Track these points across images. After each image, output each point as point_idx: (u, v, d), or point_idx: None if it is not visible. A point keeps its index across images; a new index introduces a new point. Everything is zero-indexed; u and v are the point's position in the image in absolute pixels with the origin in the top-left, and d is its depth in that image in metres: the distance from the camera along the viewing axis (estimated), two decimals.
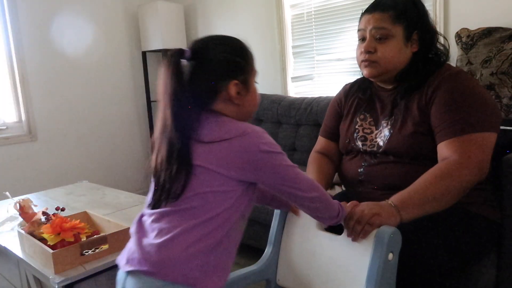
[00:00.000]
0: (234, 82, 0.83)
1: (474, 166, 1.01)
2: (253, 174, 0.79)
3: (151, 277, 0.74)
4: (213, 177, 0.77)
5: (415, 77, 1.16)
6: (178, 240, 0.75)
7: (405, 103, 1.17)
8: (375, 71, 1.18)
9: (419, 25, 1.15)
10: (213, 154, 0.78)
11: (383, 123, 1.20)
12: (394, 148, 1.15)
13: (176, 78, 0.79)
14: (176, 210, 0.78)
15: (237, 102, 0.84)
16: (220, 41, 0.86)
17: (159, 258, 0.74)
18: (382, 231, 0.88)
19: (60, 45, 2.86)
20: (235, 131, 0.78)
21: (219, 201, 0.78)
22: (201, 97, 0.82)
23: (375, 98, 1.27)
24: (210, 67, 0.83)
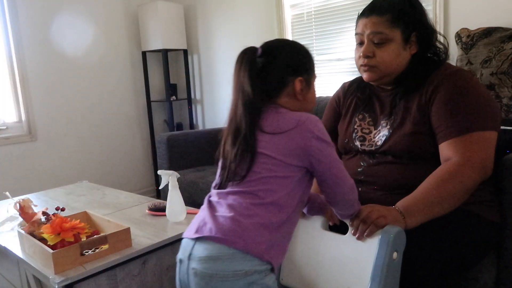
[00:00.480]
0: (299, 79, 0.91)
1: (476, 165, 1.01)
2: (307, 159, 0.85)
3: (222, 244, 0.80)
4: (274, 164, 0.84)
5: (414, 77, 1.16)
6: (248, 214, 0.81)
7: (404, 103, 1.16)
8: (374, 76, 1.18)
9: (417, 26, 1.14)
10: (275, 143, 0.85)
11: (382, 123, 1.20)
12: (393, 148, 1.14)
13: (249, 73, 0.87)
14: (242, 191, 0.85)
15: (299, 98, 0.92)
16: (288, 42, 0.96)
17: (231, 228, 0.81)
18: (387, 230, 0.89)
19: (60, 45, 2.86)
20: (293, 121, 0.85)
21: (280, 185, 0.84)
22: (269, 90, 0.91)
23: (374, 98, 1.27)
24: (280, 63, 0.91)
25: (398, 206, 0.98)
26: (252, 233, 0.80)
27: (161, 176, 1.33)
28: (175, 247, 1.25)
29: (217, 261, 0.79)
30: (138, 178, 3.43)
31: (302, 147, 0.84)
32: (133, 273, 1.15)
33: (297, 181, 0.86)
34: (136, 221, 1.38)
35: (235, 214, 0.82)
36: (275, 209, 0.83)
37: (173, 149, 2.50)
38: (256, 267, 0.79)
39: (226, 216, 0.82)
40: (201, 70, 3.40)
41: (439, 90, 1.10)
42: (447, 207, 1.00)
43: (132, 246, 1.16)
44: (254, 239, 0.80)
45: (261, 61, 0.90)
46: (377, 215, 0.92)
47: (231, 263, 0.78)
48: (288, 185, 0.85)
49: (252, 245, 0.79)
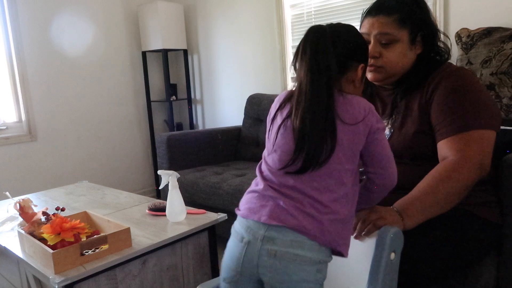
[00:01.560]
0: (362, 65, 0.90)
1: (473, 164, 1.01)
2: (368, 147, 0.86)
3: (304, 235, 0.82)
4: (344, 155, 0.84)
5: (416, 77, 1.15)
6: (326, 212, 0.83)
7: (405, 103, 1.16)
8: (380, 76, 1.17)
9: (423, 26, 1.14)
10: (348, 134, 0.84)
11: (384, 122, 1.20)
12: (394, 148, 1.14)
13: (328, 52, 0.84)
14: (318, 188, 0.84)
15: (357, 85, 0.91)
16: (352, 28, 0.93)
17: (312, 223, 0.82)
18: (384, 230, 0.89)
19: (60, 45, 2.86)
20: (362, 111, 0.85)
21: (348, 177, 0.85)
22: (334, 71, 0.86)
23: (376, 97, 1.26)
24: (347, 46, 0.89)
25: (396, 207, 0.97)
26: (330, 228, 0.83)
27: (161, 176, 1.33)
28: (175, 247, 1.25)
29: (299, 247, 0.82)
30: (138, 178, 3.43)
31: (368, 138, 0.86)
32: (133, 273, 1.15)
33: (357, 171, 0.88)
34: (136, 221, 1.38)
35: (315, 211, 0.83)
36: (346, 202, 0.85)
37: (173, 149, 2.50)
38: (327, 257, 0.85)
39: (306, 212, 0.83)
40: (201, 70, 3.40)
41: (439, 89, 1.10)
42: (445, 206, 1.00)
43: (132, 246, 1.16)
44: (332, 234, 0.83)
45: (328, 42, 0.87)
46: (376, 216, 0.92)
47: (311, 251, 0.82)
48: (353, 176, 0.86)
49: (330, 240, 0.83)
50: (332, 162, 0.83)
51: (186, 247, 1.29)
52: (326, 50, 0.84)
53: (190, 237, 1.29)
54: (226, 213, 1.42)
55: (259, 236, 0.84)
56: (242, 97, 2.97)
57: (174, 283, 1.26)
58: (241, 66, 3.09)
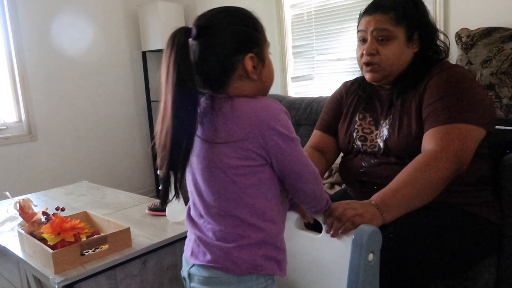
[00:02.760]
0: (249, 56, 0.77)
1: (451, 156, 0.99)
2: (268, 156, 0.75)
3: (217, 270, 0.77)
4: (235, 174, 0.76)
5: (413, 75, 1.15)
6: (232, 239, 0.77)
7: (401, 102, 1.16)
8: (377, 76, 1.17)
9: (420, 25, 1.14)
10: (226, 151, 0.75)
11: (382, 123, 1.20)
12: (393, 149, 1.14)
13: (183, 60, 0.72)
14: (215, 215, 0.79)
15: (254, 77, 0.78)
16: (226, 13, 0.78)
17: (220, 255, 0.77)
18: (360, 231, 0.82)
19: (60, 45, 2.86)
20: (246, 124, 0.73)
21: (251, 195, 0.78)
22: (213, 78, 0.77)
23: (375, 97, 1.26)
24: (221, 42, 0.75)
25: (374, 200, 0.93)
26: (242, 255, 0.76)
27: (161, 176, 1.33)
28: (175, 247, 1.25)
29: (216, 284, 0.78)
30: (138, 178, 3.43)
31: (262, 146, 0.74)
32: (133, 273, 1.15)
33: (270, 181, 0.78)
34: (136, 221, 1.38)
35: (221, 240, 0.77)
36: (258, 222, 0.76)
37: None
38: (253, 285, 0.77)
39: (214, 243, 0.77)
40: None
41: (430, 84, 1.10)
42: (425, 198, 0.97)
43: (132, 246, 1.16)
44: (245, 261, 0.76)
45: (197, 44, 0.76)
46: (352, 213, 0.86)
47: (229, 286, 0.77)
48: (261, 190, 0.76)
49: (244, 268, 0.76)
50: (222, 185, 0.75)
51: None
52: (183, 61, 0.73)
53: None
54: None
55: (186, 273, 0.83)
56: None
57: (174, 283, 1.26)
58: None
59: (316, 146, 1.34)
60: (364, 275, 0.81)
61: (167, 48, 0.74)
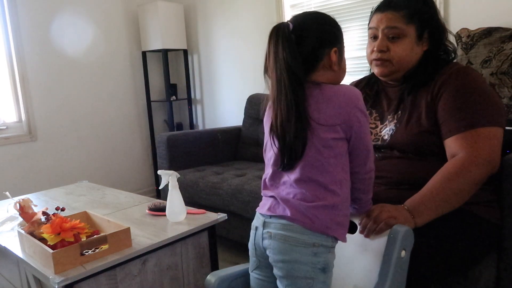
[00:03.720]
0: (334, 50, 0.91)
1: (482, 161, 1.02)
2: (349, 131, 0.87)
3: (293, 222, 0.87)
4: (323, 146, 0.87)
5: (424, 74, 1.17)
6: (312, 200, 0.87)
7: (412, 99, 1.18)
8: (386, 70, 1.19)
9: (430, 24, 1.16)
10: (325, 132, 0.86)
11: (389, 118, 1.21)
12: (399, 143, 1.15)
13: (289, 49, 0.85)
14: (301, 179, 0.88)
15: (335, 68, 0.92)
16: (317, 15, 0.94)
17: (299, 211, 0.87)
18: (396, 229, 0.91)
19: (60, 45, 2.86)
20: (343, 111, 0.86)
21: (333, 164, 0.88)
22: (306, 64, 0.89)
23: (382, 94, 1.28)
24: (313, 37, 0.89)
25: (407, 205, 0.99)
26: (319, 215, 0.86)
27: (161, 176, 1.33)
28: (175, 247, 1.25)
29: (290, 231, 0.87)
30: (138, 178, 3.43)
31: (347, 122, 0.86)
32: (133, 273, 1.15)
33: (345, 154, 0.90)
34: (136, 221, 1.38)
35: (303, 201, 0.87)
36: (336, 188, 0.87)
37: (173, 149, 2.50)
38: (323, 242, 0.87)
39: (294, 201, 0.87)
40: (201, 70, 3.40)
41: (446, 87, 1.11)
42: (455, 203, 1.02)
43: (132, 246, 1.16)
44: (322, 221, 0.86)
45: (294, 37, 0.88)
46: (387, 215, 0.94)
47: (302, 235, 0.86)
48: (339, 161, 0.88)
49: (320, 226, 0.86)
50: (311, 155, 0.86)
51: (186, 247, 1.29)
52: (290, 50, 0.85)
53: (190, 237, 1.29)
54: (226, 213, 1.42)
55: (261, 222, 0.93)
56: (242, 97, 2.97)
57: (174, 283, 1.26)
58: (241, 66, 3.09)
59: None
60: (395, 270, 0.90)
61: (272, 39, 0.87)
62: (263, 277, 0.97)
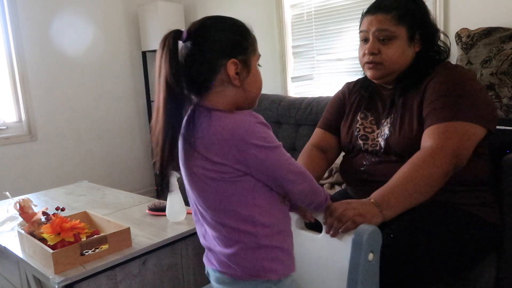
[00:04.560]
0: (232, 61, 0.78)
1: (448, 153, 0.99)
2: (246, 167, 0.76)
3: (222, 274, 0.82)
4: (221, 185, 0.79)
5: (415, 75, 1.16)
6: (229, 245, 0.81)
7: (403, 101, 1.17)
8: (379, 73, 1.18)
9: (421, 25, 1.15)
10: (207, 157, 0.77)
11: (383, 122, 1.21)
12: (394, 147, 1.15)
13: (172, 60, 0.74)
14: (211, 223, 0.83)
15: (236, 83, 0.79)
16: (218, 20, 0.81)
17: (223, 260, 0.82)
18: (360, 230, 0.83)
19: (60, 45, 2.86)
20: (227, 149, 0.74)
21: (240, 202, 0.80)
22: (197, 79, 0.78)
23: (376, 96, 1.27)
24: (207, 46, 0.78)
25: (373, 198, 0.94)
26: (240, 261, 0.78)
27: None
28: (175, 247, 1.25)
29: (226, 284, 0.83)
30: (138, 178, 3.43)
31: (241, 161, 0.75)
32: (133, 273, 1.15)
33: (254, 187, 0.78)
34: (136, 221, 1.38)
35: (221, 247, 0.80)
36: (248, 227, 0.77)
37: None
38: (262, 284, 0.79)
39: (216, 250, 0.82)
40: None
41: (432, 83, 1.11)
42: (424, 194, 0.98)
43: (132, 246, 1.16)
44: (245, 267, 0.78)
45: (187, 47, 0.78)
46: (353, 213, 0.87)
47: (237, 286, 0.81)
48: (246, 198, 0.77)
49: (245, 273, 0.78)
50: (208, 196, 0.78)
51: (186, 247, 1.29)
52: (171, 64, 0.74)
53: (190, 237, 1.29)
54: None
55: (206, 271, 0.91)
56: None
57: (174, 283, 1.26)
58: None
59: (317, 144, 1.34)
60: (364, 274, 0.82)
61: (159, 49, 0.77)
62: None
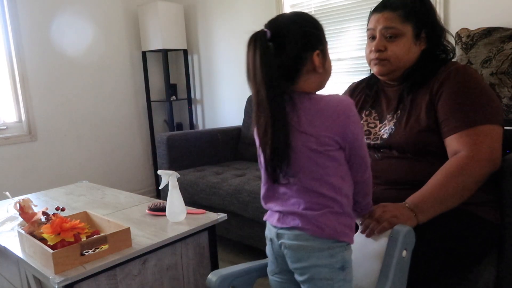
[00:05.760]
0: (316, 52, 0.88)
1: (484, 158, 1.03)
2: (345, 141, 0.87)
3: (304, 232, 0.88)
4: (318, 156, 0.87)
5: (422, 73, 1.17)
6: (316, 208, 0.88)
7: (411, 99, 1.18)
8: (385, 69, 1.20)
9: (427, 23, 1.17)
10: (316, 143, 0.86)
11: (388, 117, 1.22)
12: (397, 143, 1.15)
13: (267, 59, 0.83)
14: (300, 189, 0.89)
15: (320, 71, 0.89)
16: (295, 17, 0.90)
17: (306, 220, 0.88)
18: (397, 229, 0.92)
19: (60, 45, 2.86)
20: (336, 121, 0.85)
21: (331, 173, 0.88)
22: (289, 71, 0.87)
23: (381, 94, 1.29)
24: (294, 42, 0.86)
25: (408, 203, 1.00)
26: (327, 222, 0.87)
27: (161, 176, 1.33)
28: (175, 247, 1.25)
29: (303, 239, 0.88)
30: (138, 178, 3.43)
31: (341, 134, 0.86)
32: (133, 273, 1.15)
33: (343, 163, 0.89)
34: (136, 221, 1.38)
35: (308, 211, 0.87)
36: (337, 196, 0.87)
37: (173, 149, 2.50)
38: (336, 243, 0.88)
39: (300, 211, 0.88)
40: (201, 70, 3.40)
41: (445, 85, 1.12)
42: (457, 201, 1.03)
43: (132, 246, 1.16)
44: (329, 227, 0.86)
45: (272, 44, 0.86)
46: (389, 215, 0.96)
47: (314, 242, 0.87)
48: (337, 170, 0.88)
49: (329, 233, 0.87)
50: (307, 166, 0.87)
51: (186, 247, 1.29)
52: (267, 61, 0.83)
53: (190, 237, 1.29)
54: (226, 213, 1.42)
55: (274, 234, 0.94)
56: (242, 97, 2.97)
57: (174, 283, 1.26)
58: (241, 66, 3.09)
59: None
60: (397, 269, 0.90)
61: (249, 51, 0.86)
62: (284, 280, 0.99)
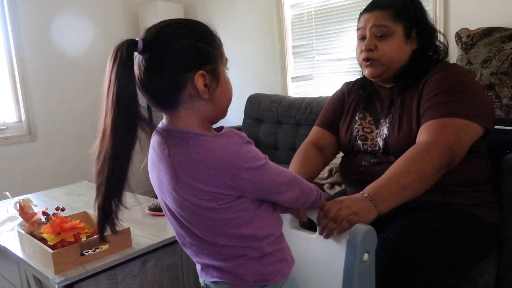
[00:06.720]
0: (200, 73, 0.70)
1: (445, 146, 0.99)
2: (239, 191, 0.72)
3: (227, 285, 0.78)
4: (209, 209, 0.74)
5: (413, 73, 1.16)
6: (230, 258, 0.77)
7: (401, 100, 1.17)
8: (376, 71, 1.18)
9: (418, 23, 1.16)
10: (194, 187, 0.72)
11: (382, 122, 1.21)
12: (392, 147, 1.15)
13: (125, 74, 0.65)
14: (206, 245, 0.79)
15: (206, 97, 0.72)
16: (178, 25, 0.70)
17: (225, 272, 0.78)
18: (354, 230, 0.81)
19: (60, 45, 2.86)
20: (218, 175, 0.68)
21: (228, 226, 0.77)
22: (161, 96, 0.71)
23: (375, 96, 1.27)
24: (169, 58, 0.68)
25: (366, 192, 0.92)
26: (245, 271, 0.76)
27: None
28: (175, 247, 1.25)
29: None
30: (138, 178, 3.42)
31: (234, 187, 0.70)
32: (133, 273, 1.15)
33: (248, 207, 0.74)
34: (136, 221, 1.38)
35: (220, 261, 0.77)
36: (250, 243, 0.75)
37: None
38: (269, 287, 0.78)
39: (217, 265, 0.78)
40: None
41: (429, 82, 1.11)
42: (417, 188, 0.96)
43: (132, 246, 1.16)
44: (251, 275, 0.76)
45: (143, 59, 0.69)
46: (348, 212, 0.84)
47: None
48: (243, 218, 0.73)
49: (252, 280, 0.76)
50: (194, 224, 0.74)
51: None
52: (123, 80, 0.65)
53: None
54: None
55: (203, 283, 0.84)
56: (242, 97, 2.97)
57: (174, 283, 1.26)
58: (241, 66, 3.09)
59: (315, 142, 1.34)
60: (359, 275, 0.80)
61: (109, 62, 0.67)
62: None
